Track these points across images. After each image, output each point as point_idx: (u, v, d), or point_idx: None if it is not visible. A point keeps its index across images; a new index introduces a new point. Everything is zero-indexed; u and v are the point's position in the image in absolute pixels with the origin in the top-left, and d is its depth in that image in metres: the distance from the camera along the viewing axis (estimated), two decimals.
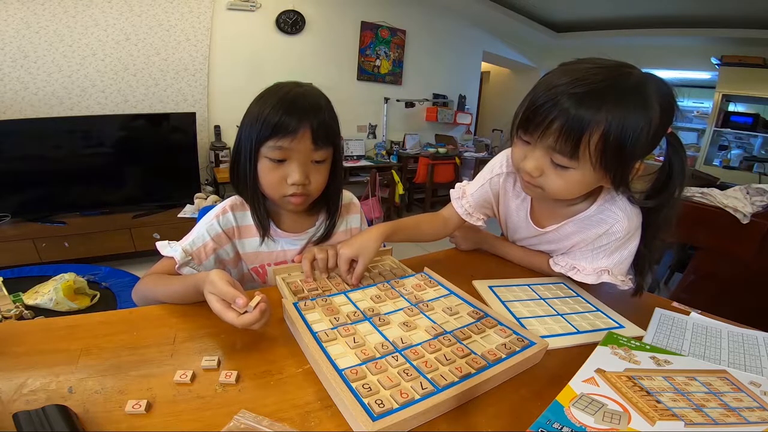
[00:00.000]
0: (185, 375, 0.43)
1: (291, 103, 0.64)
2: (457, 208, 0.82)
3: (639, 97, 0.52)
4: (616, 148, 0.52)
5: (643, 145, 0.54)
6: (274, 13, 3.20)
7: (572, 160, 0.55)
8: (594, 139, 0.52)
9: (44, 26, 2.37)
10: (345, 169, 3.51)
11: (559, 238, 0.72)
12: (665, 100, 0.54)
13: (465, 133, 4.92)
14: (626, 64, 0.56)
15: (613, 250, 0.67)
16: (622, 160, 0.54)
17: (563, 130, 0.53)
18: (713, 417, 0.35)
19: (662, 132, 0.56)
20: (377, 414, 0.36)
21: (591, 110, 0.51)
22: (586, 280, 0.68)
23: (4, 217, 2.27)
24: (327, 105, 0.69)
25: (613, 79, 0.52)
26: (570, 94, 0.52)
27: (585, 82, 0.52)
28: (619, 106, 0.51)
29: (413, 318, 0.54)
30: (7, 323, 1.26)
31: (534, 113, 0.55)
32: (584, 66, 0.55)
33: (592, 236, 0.68)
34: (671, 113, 0.56)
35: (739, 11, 3.60)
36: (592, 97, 0.51)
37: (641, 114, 0.52)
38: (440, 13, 4.22)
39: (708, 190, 1.69)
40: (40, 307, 1.54)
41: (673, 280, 1.89)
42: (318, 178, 0.69)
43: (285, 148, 0.63)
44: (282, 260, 0.76)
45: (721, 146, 4.70)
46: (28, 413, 0.34)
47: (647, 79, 0.54)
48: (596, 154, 0.53)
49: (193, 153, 2.69)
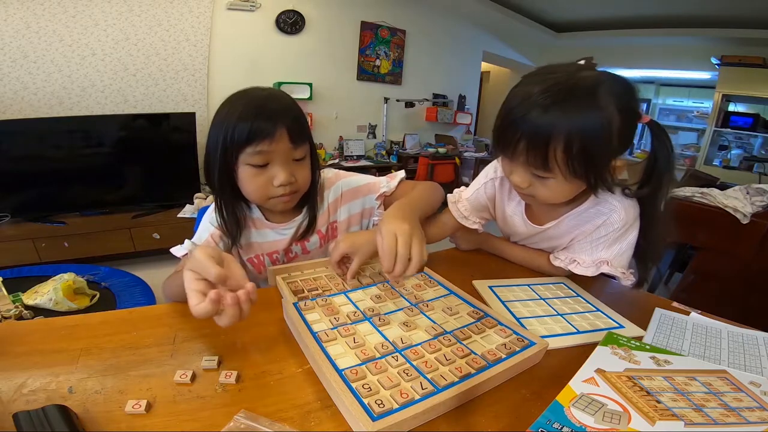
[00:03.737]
0: (185, 375, 0.43)
1: (261, 107, 0.64)
2: (453, 212, 0.83)
3: (592, 102, 0.54)
4: (580, 156, 0.55)
5: (608, 146, 0.56)
6: (274, 13, 3.20)
7: (548, 171, 0.58)
8: (558, 150, 0.55)
9: (44, 26, 2.37)
10: (345, 169, 3.51)
11: (559, 234, 0.73)
12: (620, 100, 0.55)
13: (465, 133, 4.92)
14: (582, 67, 0.58)
15: (612, 242, 0.68)
16: (590, 165, 0.56)
17: (529, 148, 0.57)
18: (713, 417, 0.35)
19: (628, 131, 0.58)
20: (377, 414, 0.36)
21: (548, 126, 0.54)
22: (585, 273, 0.70)
23: (3, 217, 2.27)
24: (294, 104, 0.70)
25: (566, 90, 0.54)
26: (526, 114, 0.55)
27: (540, 98, 0.54)
28: (575, 116, 0.53)
29: (413, 318, 0.54)
30: (6, 323, 1.26)
31: (501, 136, 0.60)
32: (539, 78, 0.57)
33: (591, 228, 0.69)
34: (631, 111, 0.57)
35: (739, 11, 3.60)
36: (548, 112, 0.54)
37: (597, 118, 0.54)
38: (440, 13, 4.22)
39: (708, 190, 1.69)
40: (39, 307, 1.54)
41: (673, 280, 1.89)
42: (302, 174, 0.70)
43: (266, 151, 0.64)
44: (274, 250, 0.78)
45: (721, 146, 4.71)
46: (28, 413, 0.34)
47: (600, 82, 0.55)
48: (563, 164, 0.56)
49: (192, 153, 2.69)
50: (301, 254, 0.80)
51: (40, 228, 2.27)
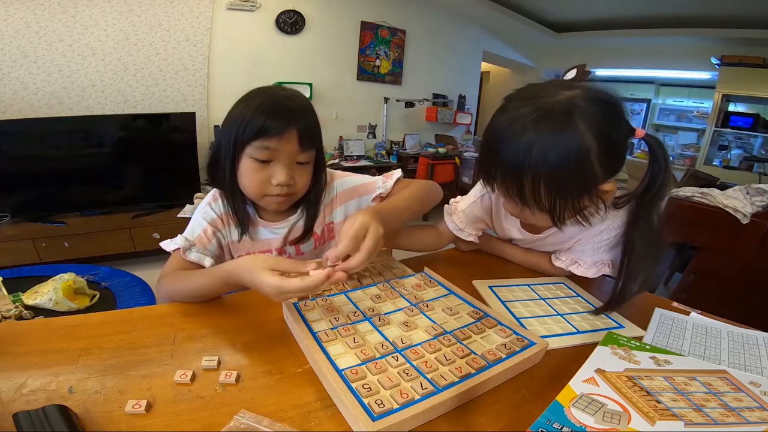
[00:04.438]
0: (185, 375, 0.43)
1: (277, 105, 0.65)
2: (448, 224, 0.82)
3: (562, 132, 0.50)
4: (549, 189, 0.52)
5: (581, 176, 0.52)
6: (274, 13, 3.20)
7: (527, 205, 0.56)
8: (528, 185, 0.53)
9: (44, 26, 2.37)
10: (345, 169, 3.52)
11: (562, 240, 0.73)
12: (597, 125, 0.51)
13: (465, 133, 4.92)
14: (563, 85, 0.54)
15: (614, 245, 0.68)
16: (558, 198, 0.53)
17: (506, 183, 0.56)
18: (713, 417, 0.35)
19: (613, 153, 0.54)
20: (377, 414, 0.36)
21: (519, 163, 0.52)
22: (586, 274, 0.69)
23: (3, 217, 2.27)
24: (311, 109, 0.71)
25: (537, 119, 0.51)
26: (500, 149, 0.53)
27: (511, 130, 0.52)
28: (543, 150, 0.50)
29: (413, 318, 0.54)
30: (6, 323, 1.26)
31: (481, 170, 0.59)
32: (516, 105, 0.54)
33: (594, 232, 0.68)
34: (613, 132, 0.52)
35: (739, 11, 3.60)
36: (518, 146, 0.51)
37: (567, 149, 0.50)
38: (440, 13, 4.22)
39: (708, 190, 1.69)
40: (39, 307, 1.53)
41: (673, 280, 1.89)
42: (302, 179, 0.70)
43: (271, 148, 0.64)
44: (266, 249, 0.78)
45: (721, 146, 4.71)
46: (28, 413, 0.34)
47: (573, 107, 0.51)
48: (533, 199, 0.53)
49: (192, 153, 2.69)
50: (294, 255, 0.80)
51: (40, 228, 2.27)
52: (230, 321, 0.55)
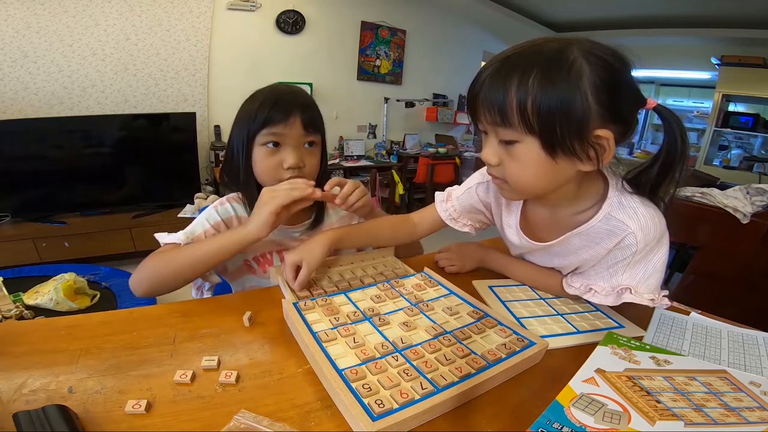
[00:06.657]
0: (185, 375, 0.43)
1: (281, 98, 0.71)
2: (441, 212, 0.77)
3: (557, 54, 0.47)
4: (541, 109, 0.47)
5: (572, 101, 0.47)
6: (274, 13, 3.20)
7: (510, 129, 0.50)
8: (514, 99, 0.48)
9: (44, 26, 2.37)
10: (345, 169, 3.52)
11: (566, 252, 0.64)
12: (595, 56, 0.47)
13: (465, 133, 4.92)
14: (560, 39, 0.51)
15: (632, 265, 0.57)
16: (551, 122, 0.47)
17: (488, 101, 0.50)
18: (713, 417, 0.35)
19: (612, 93, 0.49)
20: (377, 414, 0.36)
21: (506, 76, 0.48)
22: (605, 302, 0.59)
23: (4, 217, 2.27)
24: (314, 103, 0.76)
25: (531, 45, 0.50)
26: (490, 71, 0.51)
27: (502, 56, 0.51)
28: (534, 65, 0.47)
29: (413, 318, 0.54)
30: (7, 323, 1.26)
31: (469, 101, 0.55)
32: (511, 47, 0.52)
33: (603, 251, 0.58)
34: (611, 69, 0.48)
35: (739, 11, 3.60)
36: (508, 65, 0.49)
37: (559, 68, 0.47)
38: (440, 13, 4.22)
39: (708, 190, 1.69)
40: (40, 307, 1.54)
41: (673, 280, 1.88)
42: (312, 161, 0.74)
43: (278, 133, 0.70)
44: (286, 247, 0.79)
45: (721, 146, 4.70)
46: (28, 413, 0.34)
47: (575, 41, 0.48)
48: (519, 116, 0.48)
49: (193, 153, 2.69)
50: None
51: (40, 228, 2.28)
52: (230, 321, 0.55)
